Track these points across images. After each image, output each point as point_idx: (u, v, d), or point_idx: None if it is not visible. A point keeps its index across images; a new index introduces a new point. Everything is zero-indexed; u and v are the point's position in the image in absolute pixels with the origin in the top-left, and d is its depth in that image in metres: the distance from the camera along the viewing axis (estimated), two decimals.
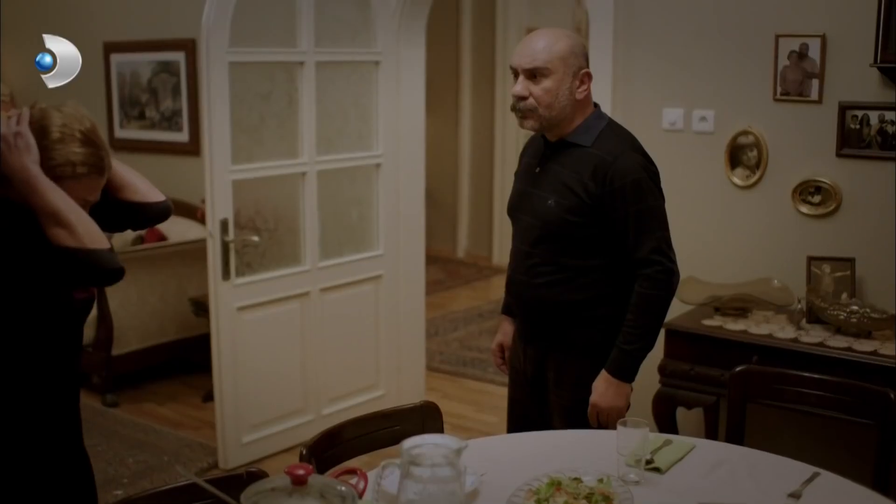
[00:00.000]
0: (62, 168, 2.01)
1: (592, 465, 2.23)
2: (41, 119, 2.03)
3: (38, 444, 2.12)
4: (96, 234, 1.98)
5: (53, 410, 2.16)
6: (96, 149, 2.06)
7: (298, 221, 4.61)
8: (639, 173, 2.72)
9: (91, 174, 2.05)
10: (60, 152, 2.01)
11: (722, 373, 3.32)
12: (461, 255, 9.10)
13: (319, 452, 2.35)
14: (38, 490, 2.13)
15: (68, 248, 1.94)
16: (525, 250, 2.86)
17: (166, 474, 4.26)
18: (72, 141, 2.02)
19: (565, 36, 2.81)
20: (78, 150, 2.02)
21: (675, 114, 3.91)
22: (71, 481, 2.23)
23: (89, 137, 2.05)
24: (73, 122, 2.04)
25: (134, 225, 2.32)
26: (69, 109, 2.07)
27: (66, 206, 1.96)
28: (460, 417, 5.00)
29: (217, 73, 4.09)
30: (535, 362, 2.92)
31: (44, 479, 2.14)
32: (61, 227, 1.94)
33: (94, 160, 2.05)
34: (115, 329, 5.18)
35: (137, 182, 2.27)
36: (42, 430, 2.13)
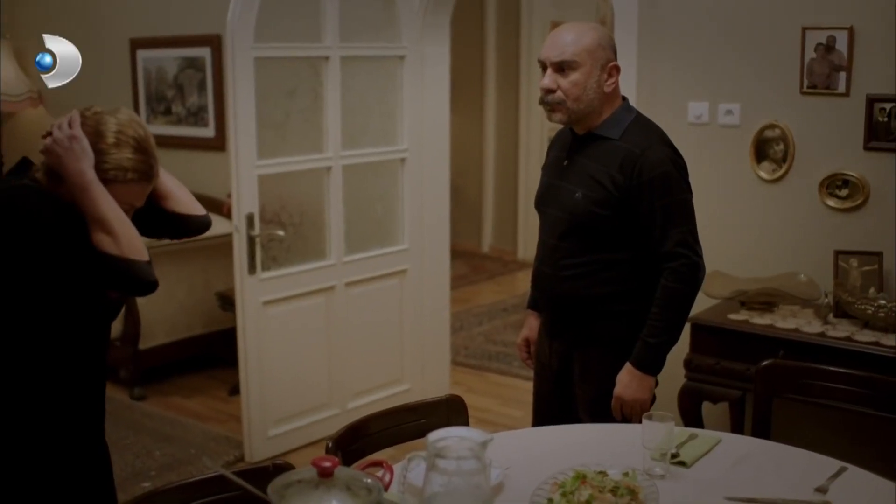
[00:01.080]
0: (114, 172, 2.06)
1: (618, 459, 2.22)
2: (97, 124, 2.07)
3: (64, 435, 2.15)
4: (138, 245, 2.04)
5: (80, 403, 2.19)
6: (147, 156, 2.10)
7: (323, 216, 4.63)
8: (667, 166, 2.72)
9: (140, 181, 2.10)
10: (114, 157, 2.05)
11: (748, 367, 3.31)
12: (486, 249, 9.09)
13: (345, 445, 2.36)
14: (60, 481, 2.16)
15: (110, 254, 2.00)
16: (552, 243, 2.86)
17: (193, 467, 4.29)
18: (126, 147, 2.06)
19: (593, 29, 2.81)
20: (131, 157, 2.07)
21: (701, 107, 3.89)
22: (91, 474, 2.26)
23: (142, 145, 2.10)
24: (128, 128, 2.09)
25: (172, 234, 2.36)
26: (124, 116, 2.12)
27: (114, 214, 2.01)
28: (485, 411, 5.00)
29: (242, 69, 4.11)
30: (561, 356, 2.93)
31: (65, 470, 2.17)
32: (106, 233, 2.00)
33: (144, 167, 2.09)
34: (142, 323, 5.22)
35: (182, 194, 2.33)
36: (68, 422, 2.16)
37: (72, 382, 2.14)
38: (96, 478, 2.29)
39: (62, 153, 2.02)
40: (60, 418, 2.14)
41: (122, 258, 2.01)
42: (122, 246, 2.01)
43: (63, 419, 2.14)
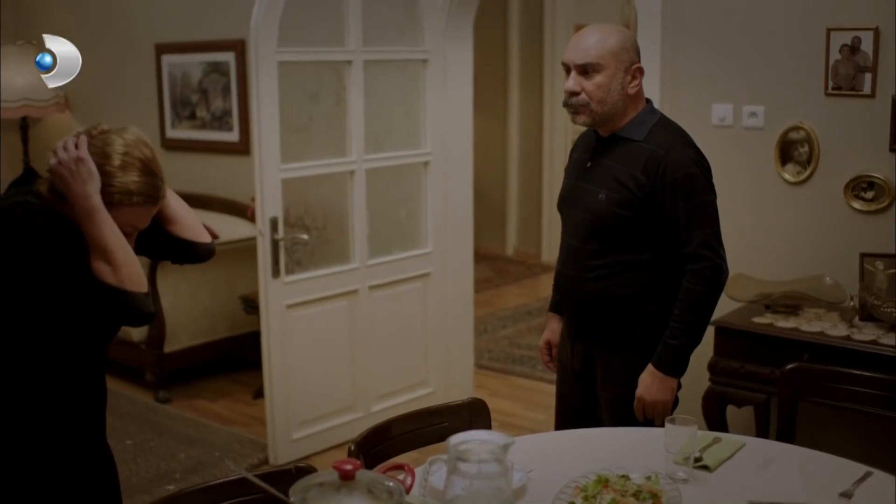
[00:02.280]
0: (119, 195, 2.04)
1: (640, 463, 2.22)
2: (104, 145, 2.05)
3: (63, 439, 2.15)
4: (137, 277, 2.02)
5: (78, 409, 2.18)
6: (154, 178, 2.08)
7: (347, 219, 4.64)
8: (691, 168, 2.72)
9: (146, 203, 2.08)
10: (120, 179, 2.03)
11: (772, 371, 3.29)
12: (510, 252, 9.09)
13: (367, 448, 2.36)
14: (60, 486, 2.16)
15: (107, 283, 1.99)
16: (575, 245, 2.86)
17: (217, 470, 4.31)
18: (132, 169, 2.04)
19: (617, 31, 2.81)
20: (136, 179, 2.04)
21: (725, 109, 3.87)
22: (93, 478, 2.26)
23: (149, 167, 2.07)
24: (134, 149, 2.07)
25: (175, 258, 2.34)
26: (131, 136, 2.09)
27: (116, 243, 2.00)
28: (509, 415, 5.00)
29: (266, 73, 4.13)
30: (583, 358, 2.93)
31: (66, 474, 2.17)
32: (106, 262, 1.99)
33: (150, 190, 2.07)
34: (167, 326, 5.25)
35: (189, 219, 2.30)
36: (66, 428, 2.16)
37: (69, 389, 2.14)
38: (99, 482, 2.28)
39: (67, 176, 2.00)
40: (58, 424, 2.14)
41: (119, 289, 1.99)
42: (122, 276, 1.99)
43: (61, 425, 2.14)
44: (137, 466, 4.37)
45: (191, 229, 2.29)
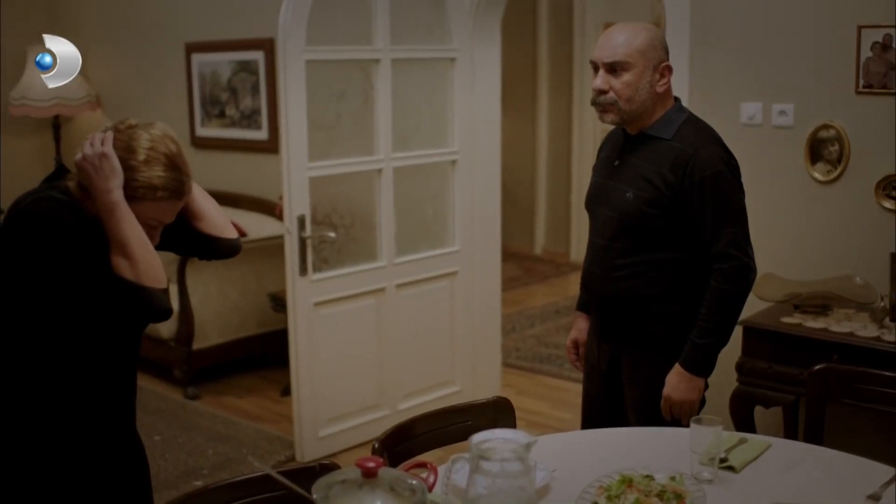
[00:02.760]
0: (143, 190, 2.05)
1: (665, 463, 2.21)
2: (130, 139, 2.07)
3: (91, 432, 2.17)
4: (155, 272, 2.03)
5: (106, 401, 2.20)
6: (179, 174, 2.09)
7: (374, 218, 4.65)
8: (719, 166, 2.70)
9: (170, 198, 2.09)
10: (144, 174, 2.04)
11: (801, 371, 3.26)
12: (538, 251, 9.07)
13: (391, 446, 2.37)
14: (91, 477, 2.19)
15: (125, 279, 2.00)
16: (602, 243, 2.85)
17: (245, 466, 4.34)
18: (157, 164, 2.05)
19: (645, 29, 2.80)
20: (161, 174, 2.06)
21: (754, 108, 3.84)
22: (124, 469, 2.28)
23: (174, 162, 2.08)
24: (159, 144, 2.08)
25: (201, 254, 2.35)
26: (157, 131, 2.10)
27: (136, 239, 2.01)
28: (536, 414, 4.99)
29: (294, 72, 4.15)
30: (610, 358, 2.92)
31: (96, 466, 2.19)
32: (125, 258, 2.00)
33: (175, 185, 2.08)
34: (195, 324, 5.29)
35: (216, 215, 2.31)
36: (94, 420, 2.18)
37: (95, 382, 2.16)
38: (130, 474, 2.31)
39: (91, 171, 2.02)
40: (86, 416, 2.16)
41: (137, 284, 2.01)
42: (139, 272, 2.00)
43: (89, 417, 2.16)
44: (166, 462, 4.40)
45: (217, 226, 2.30)
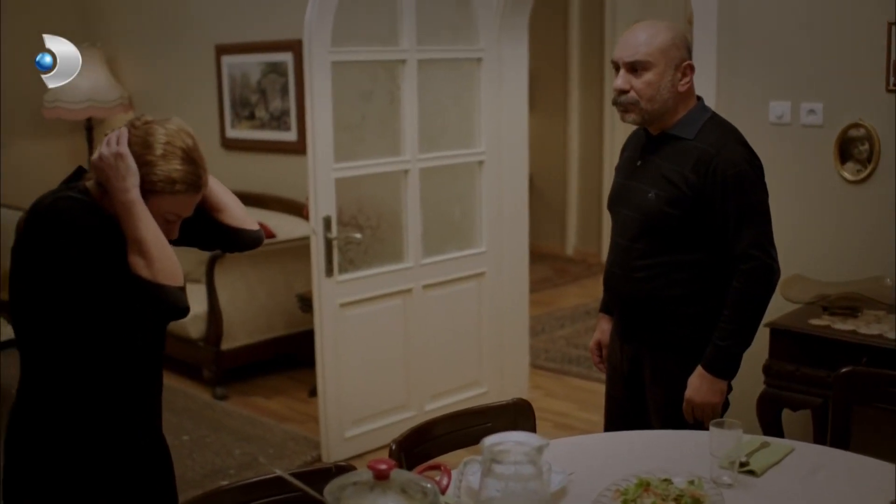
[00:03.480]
0: (161, 184, 2.07)
1: (685, 466, 2.19)
2: (146, 134, 2.09)
3: (116, 426, 2.19)
4: (172, 271, 2.05)
5: (129, 399, 2.21)
6: (196, 167, 2.11)
7: (401, 218, 4.65)
8: (742, 166, 2.67)
9: (188, 192, 2.11)
10: (162, 168, 2.06)
11: (829, 374, 3.19)
12: (569, 252, 9.03)
13: (410, 448, 2.36)
14: (116, 473, 2.20)
15: (141, 277, 2.02)
16: (624, 244, 2.83)
17: (271, 466, 4.35)
18: (174, 158, 2.07)
19: (666, 28, 2.77)
20: (179, 168, 2.08)
21: (783, 107, 3.79)
22: (149, 468, 2.30)
23: (191, 155, 2.10)
24: (176, 139, 2.09)
25: (224, 247, 2.37)
26: (173, 126, 2.12)
27: (152, 237, 2.03)
28: (563, 415, 4.96)
29: (320, 73, 4.15)
30: (632, 359, 2.89)
31: (120, 463, 2.21)
32: (141, 256, 2.02)
33: (192, 178, 2.10)
34: (224, 324, 5.32)
35: (235, 207, 2.33)
36: (116, 416, 2.19)
37: (117, 380, 2.17)
38: (154, 473, 2.32)
39: (108, 171, 2.04)
40: (109, 414, 2.17)
41: (153, 282, 2.02)
42: (155, 270, 2.02)
43: (112, 415, 2.18)
44: (193, 462, 4.42)
45: (238, 217, 2.32)
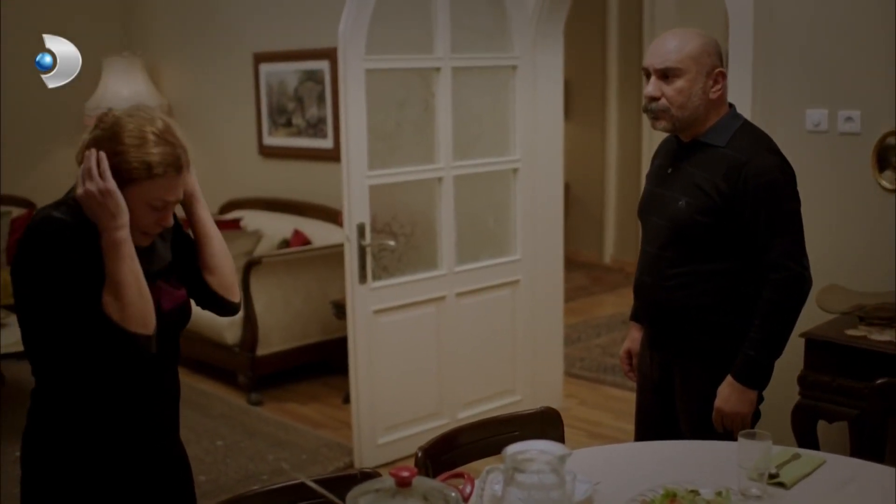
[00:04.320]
0: (138, 171, 2.02)
1: (713, 477, 2.16)
2: (113, 126, 2.05)
3: (128, 434, 2.18)
4: (143, 318, 2.01)
5: (141, 403, 2.20)
6: (172, 147, 2.06)
7: (435, 226, 4.65)
8: (774, 174, 2.64)
9: (167, 174, 2.05)
10: (135, 155, 2.02)
11: (866, 385, 3.15)
12: (607, 260, 8.98)
13: (436, 455, 2.36)
14: (131, 481, 2.20)
15: (111, 318, 1.99)
16: (654, 252, 2.81)
17: (304, 472, 4.36)
18: (145, 143, 2.02)
19: (698, 35, 2.75)
20: (153, 151, 2.03)
21: (819, 114, 3.74)
22: (165, 476, 2.30)
23: (163, 137, 2.05)
24: (145, 124, 2.04)
25: (199, 302, 2.32)
26: (140, 113, 2.08)
27: (132, 281, 2.00)
28: (597, 424, 4.93)
29: (354, 81, 4.17)
30: (662, 368, 2.87)
31: (136, 470, 2.21)
32: (116, 298, 1.99)
33: (170, 159, 2.05)
34: (259, 330, 5.35)
35: (226, 273, 2.28)
36: (129, 423, 2.18)
37: (125, 388, 2.15)
38: (170, 481, 2.32)
39: (96, 208, 2.00)
40: (115, 421, 2.16)
41: (120, 327, 1.99)
42: (126, 315, 1.99)
43: (120, 422, 2.17)
44: (227, 467, 4.45)
45: (223, 284, 2.28)
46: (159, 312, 2.11)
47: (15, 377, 5.65)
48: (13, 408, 5.18)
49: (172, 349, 2.27)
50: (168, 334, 2.19)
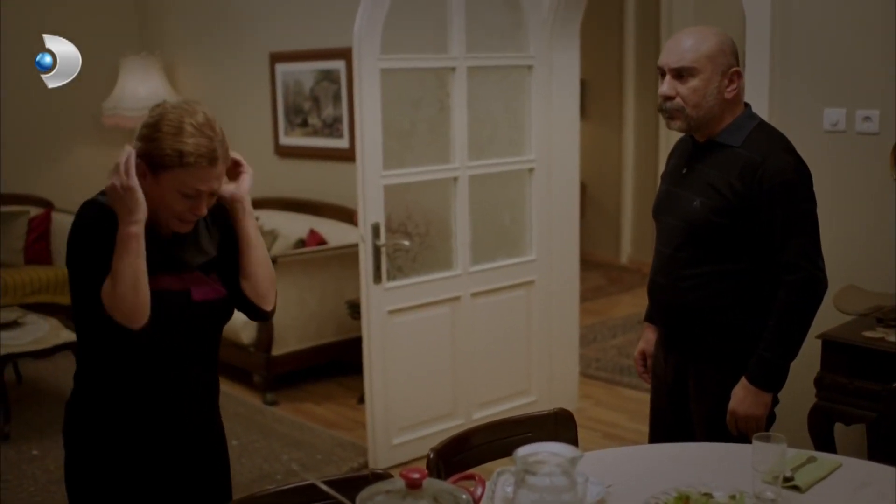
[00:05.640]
0: (170, 158, 2.08)
1: (727, 480, 2.15)
2: (158, 115, 2.12)
3: (161, 418, 2.24)
4: (130, 312, 2.05)
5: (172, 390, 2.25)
6: (207, 140, 2.10)
7: (450, 226, 4.64)
8: (789, 175, 2.62)
9: (198, 163, 2.09)
10: (169, 144, 2.07)
11: (883, 387, 3.13)
12: (624, 261, 8.95)
13: (448, 457, 2.35)
14: (168, 462, 2.27)
15: (103, 302, 2.06)
16: (668, 253, 2.79)
17: (318, 472, 4.36)
18: (181, 133, 2.07)
19: (714, 34, 2.73)
20: (188, 141, 2.07)
21: (838, 114, 3.71)
22: (204, 458, 2.36)
23: (200, 129, 2.10)
24: (184, 115, 2.10)
25: (233, 301, 2.35)
26: (185, 105, 2.14)
27: (130, 275, 2.04)
28: (613, 426, 4.91)
29: (369, 80, 4.17)
30: (676, 370, 2.85)
31: (174, 452, 2.27)
32: (112, 286, 2.04)
33: (203, 150, 2.09)
34: (275, 330, 5.35)
35: (261, 281, 2.30)
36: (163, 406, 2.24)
37: (156, 374, 2.21)
38: (207, 463, 2.38)
39: (116, 201, 2.07)
40: (151, 405, 2.22)
41: (107, 313, 2.05)
42: (114, 304, 2.04)
43: (152, 406, 2.22)
44: (241, 467, 4.45)
45: (257, 293, 2.31)
46: (188, 302, 2.18)
47: (31, 376, 5.69)
48: (30, 406, 5.24)
49: (206, 342, 2.31)
50: (199, 325, 2.24)
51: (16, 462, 4.51)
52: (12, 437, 4.78)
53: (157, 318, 2.11)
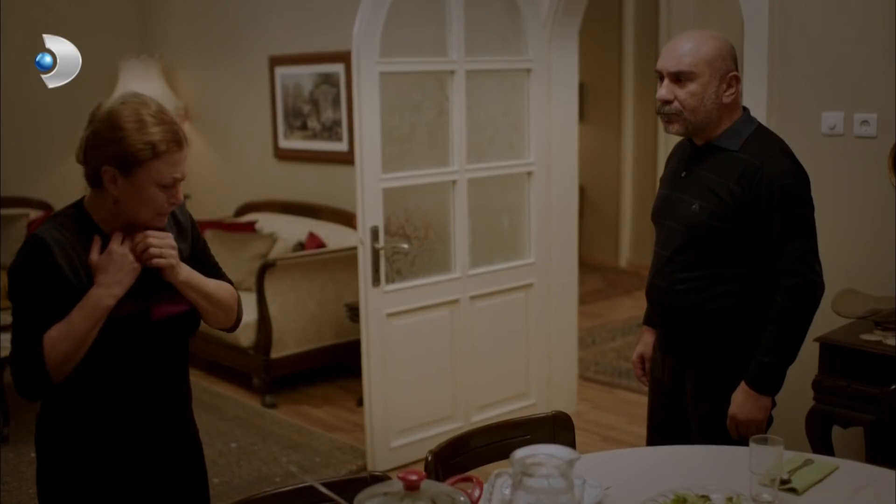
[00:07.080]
0: (143, 152, 2.05)
1: (724, 483, 2.15)
2: (109, 116, 2.07)
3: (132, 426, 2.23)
4: (61, 366, 2.06)
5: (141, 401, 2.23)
6: (169, 125, 2.10)
7: (449, 229, 4.65)
8: (787, 179, 2.63)
9: (171, 150, 2.09)
10: (137, 138, 2.05)
11: (881, 390, 3.13)
12: (623, 264, 8.96)
13: (446, 459, 2.36)
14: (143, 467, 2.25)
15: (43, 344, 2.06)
16: (666, 256, 2.81)
17: (317, 475, 4.36)
18: (144, 125, 2.06)
19: (713, 38, 2.73)
20: (153, 131, 2.06)
21: (835, 117, 3.72)
22: (177, 465, 2.35)
23: (159, 117, 2.09)
24: (139, 107, 2.08)
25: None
26: (132, 99, 2.11)
27: (77, 336, 2.06)
28: (611, 429, 4.91)
29: (368, 84, 4.17)
30: (674, 372, 2.86)
31: (148, 459, 2.26)
32: (59, 337, 2.05)
33: (170, 136, 2.09)
34: (274, 332, 5.36)
35: (220, 323, 2.39)
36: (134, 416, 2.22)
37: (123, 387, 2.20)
38: (182, 470, 2.37)
39: (109, 266, 2.10)
40: (120, 414, 2.21)
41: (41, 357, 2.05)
42: (52, 358, 2.05)
43: (122, 415, 2.21)
44: (240, 469, 4.46)
45: (219, 327, 2.42)
46: (147, 322, 2.17)
47: None
48: (29, 409, 5.23)
49: (173, 354, 2.29)
50: (162, 342, 2.23)
51: (15, 465, 4.51)
52: (11, 439, 4.78)
53: (113, 343, 2.12)
